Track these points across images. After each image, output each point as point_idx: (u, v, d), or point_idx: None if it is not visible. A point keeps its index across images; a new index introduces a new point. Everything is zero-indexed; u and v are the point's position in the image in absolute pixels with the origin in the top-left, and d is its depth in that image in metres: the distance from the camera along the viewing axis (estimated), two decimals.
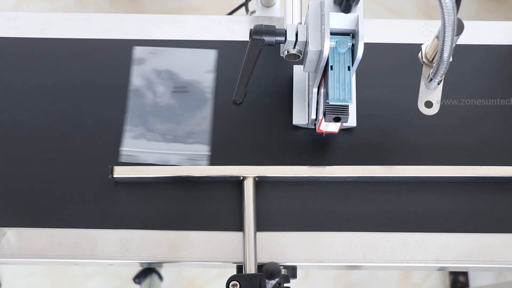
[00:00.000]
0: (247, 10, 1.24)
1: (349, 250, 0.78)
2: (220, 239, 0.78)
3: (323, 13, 0.68)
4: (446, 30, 0.59)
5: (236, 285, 0.68)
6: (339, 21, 0.67)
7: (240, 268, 0.77)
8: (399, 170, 0.80)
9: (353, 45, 0.68)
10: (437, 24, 0.81)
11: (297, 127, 0.84)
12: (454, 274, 1.56)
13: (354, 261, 0.78)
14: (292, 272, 0.77)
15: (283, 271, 0.72)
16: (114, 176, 0.79)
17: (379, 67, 0.88)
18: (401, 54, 0.88)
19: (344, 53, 0.68)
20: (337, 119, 0.70)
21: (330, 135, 0.83)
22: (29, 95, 0.86)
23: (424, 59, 0.73)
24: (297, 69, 0.86)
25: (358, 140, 0.83)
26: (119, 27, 0.91)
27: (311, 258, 0.78)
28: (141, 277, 1.52)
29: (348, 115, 0.70)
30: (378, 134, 0.84)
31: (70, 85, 0.86)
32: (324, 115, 0.71)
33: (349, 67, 0.68)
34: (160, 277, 1.54)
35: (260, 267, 0.75)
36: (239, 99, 0.71)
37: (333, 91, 0.67)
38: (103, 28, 0.90)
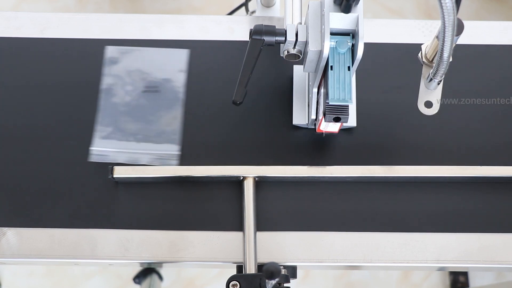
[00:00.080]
0: (247, 10, 1.24)
1: (349, 250, 0.78)
2: (220, 239, 0.78)
3: (323, 13, 0.68)
4: (446, 30, 0.59)
5: (236, 285, 0.68)
6: (339, 21, 0.67)
7: (240, 268, 0.76)
8: (399, 170, 0.80)
9: (353, 45, 0.68)
10: (437, 24, 0.81)
11: (297, 127, 0.84)
12: (454, 274, 1.56)
13: (354, 261, 0.78)
14: (292, 272, 0.77)
15: (283, 271, 0.72)
16: (114, 176, 0.78)
17: (379, 67, 0.88)
18: (401, 54, 0.88)
19: (344, 53, 0.68)
20: (337, 119, 0.70)
21: (330, 135, 0.83)
22: (29, 95, 0.86)
23: (424, 59, 0.73)
24: (297, 69, 0.86)
25: (358, 140, 0.83)
26: (119, 27, 0.90)
27: (311, 258, 0.78)
28: (141, 277, 1.52)
29: (348, 115, 0.70)
30: (378, 134, 0.84)
31: (70, 85, 0.86)
32: (324, 115, 0.71)
33: (349, 67, 0.68)
34: (160, 277, 1.54)
35: (260, 267, 0.75)
36: (239, 99, 0.71)
37: (333, 91, 0.67)
38: (103, 28, 0.90)
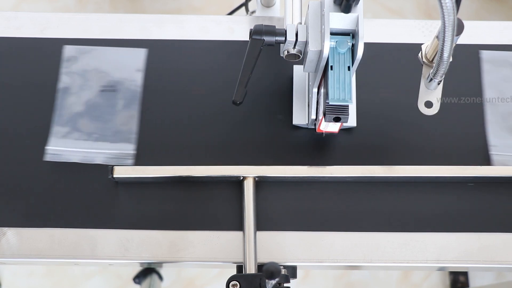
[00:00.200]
0: (247, 10, 1.24)
1: (349, 250, 0.78)
2: (220, 239, 0.78)
3: (323, 13, 0.68)
4: (446, 30, 0.59)
5: (236, 285, 0.68)
6: (339, 21, 0.67)
7: (240, 268, 0.76)
8: (399, 170, 0.80)
9: (353, 45, 0.68)
10: (437, 24, 0.81)
11: (297, 127, 0.84)
12: (454, 274, 1.55)
13: (354, 261, 0.78)
14: (292, 272, 0.77)
15: (283, 271, 0.72)
16: (114, 176, 0.78)
17: (379, 67, 0.88)
18: (401, 54, 0.88)
19: (344, 53, 0.68)
20: (337, 119, 0.70)
21: (330, 135, 0.83)
22: (29, 95, 0.86)
23: (424, 59, 0.73)
24: (297, 69, 0.86)
25: (358, 140, 0.83)
26: (119, 27, 0.90)
27: (311, 258, 0.78)
28: (141, 277, 1.51)
29: (348, 115, 0.70)
30: (378, 134, 0.84)
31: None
32: (324, 115, 0.71)
33: (349, 67, 0.68)
34: (160, 277, 1.54)
35: (260, 267, 0.75)
36: (239, 99, 0.71)
37: (333, 91, 0.67)
38: (103, 28, 0.90)
